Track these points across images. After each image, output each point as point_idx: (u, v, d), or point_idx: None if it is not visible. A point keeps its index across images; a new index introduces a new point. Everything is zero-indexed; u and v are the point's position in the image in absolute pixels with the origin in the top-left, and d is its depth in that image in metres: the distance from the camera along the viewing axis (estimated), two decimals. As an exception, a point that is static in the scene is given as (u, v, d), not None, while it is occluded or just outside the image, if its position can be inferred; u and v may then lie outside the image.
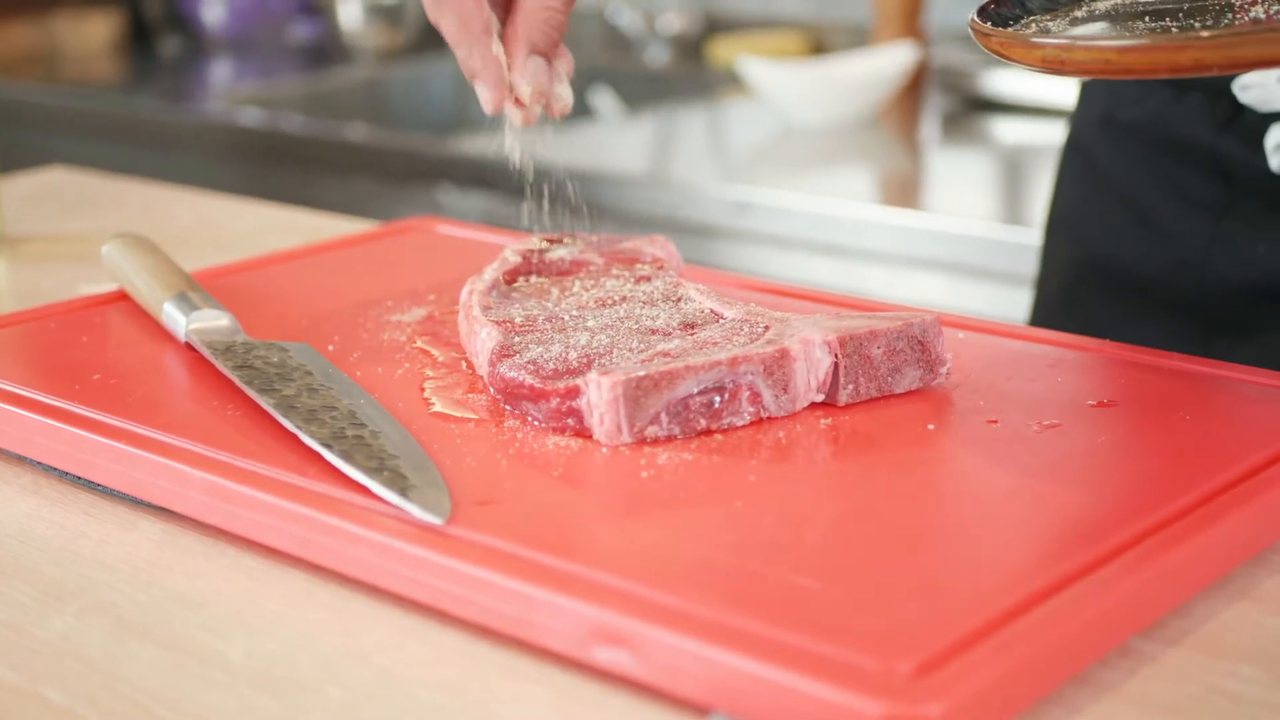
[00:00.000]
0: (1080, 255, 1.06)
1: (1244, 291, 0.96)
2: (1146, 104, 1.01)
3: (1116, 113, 1.03)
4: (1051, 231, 1.10)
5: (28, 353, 0.87)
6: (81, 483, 0.76)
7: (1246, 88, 0.93)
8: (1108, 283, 1.04)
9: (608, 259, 0.88)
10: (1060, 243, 1.09)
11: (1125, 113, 1.02)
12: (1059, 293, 1.09)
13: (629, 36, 2.73)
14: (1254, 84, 0.92)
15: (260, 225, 1.28)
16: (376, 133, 2.30)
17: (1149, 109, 1.00)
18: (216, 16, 3.05)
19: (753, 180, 1.89)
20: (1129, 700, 0.57)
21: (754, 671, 0.53)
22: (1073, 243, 1.07)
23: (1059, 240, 1.09)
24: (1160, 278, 1.00)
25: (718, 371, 0.72)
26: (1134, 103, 1.01)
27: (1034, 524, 0.63)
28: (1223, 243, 0.97)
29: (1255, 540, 0.65)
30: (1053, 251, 1.10)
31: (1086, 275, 1.06)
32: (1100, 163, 1.05)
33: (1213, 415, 0.73)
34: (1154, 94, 1.00)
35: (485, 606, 0.60)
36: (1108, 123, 1.04)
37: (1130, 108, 1.02)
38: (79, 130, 2.60)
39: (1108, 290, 1.04)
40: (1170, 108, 0.99)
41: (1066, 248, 1.08)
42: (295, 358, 0.80)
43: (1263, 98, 0.92)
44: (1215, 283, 0.97)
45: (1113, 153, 1.03)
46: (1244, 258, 0.96)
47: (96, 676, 0.60)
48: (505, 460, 0.70)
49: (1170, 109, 0.99)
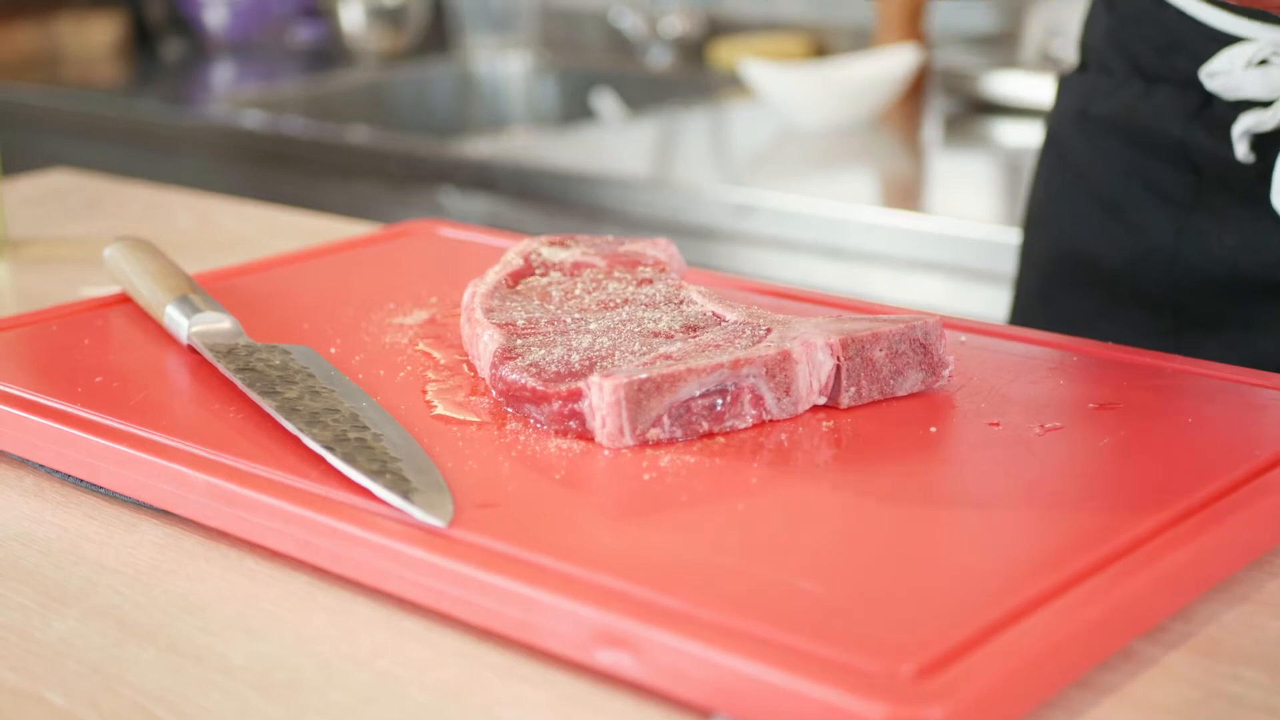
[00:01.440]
0: (1054, 249, 1.07)
1: (1213, 283, 0.97)
2: (1118, 97, 1.01)
3: (1089, 107, 1.03)
4: (1029, 226, 1.11)
5: (30, 356, 0.87)
6: (83, 485, 0.76)
7: (1213, 75, 0.93)
8: (1080, 276, 1.04)
9: (610, 261, 0.88)
10: (1036, 237, 1.10)
11: (1098, 106, 1.03)
12: (1036, 287, 1.09)
13: (631, 39, 2.73)
14: (1220, 71, 0.93)
15: (262, 228, 1.28)
16: (379, 135, 2.30)
17: (1121, 102, 1.01)
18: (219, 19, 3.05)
19: (755, 183, 1.89)
20: (1130, 703, 0.56)
21: (756, 674, 0.53)
22: (1047, 237, 1.08)
23: (1035, 235, 1.10)
24: (1131, 270, 1.00)
25: (720, 374, 0.72)
26: (1106, 96, 1.02)
27: (1036, 527, 0.63)
28: (1191, 235, 0.97)
29: (1257, 543, 0.65)
30: (1030, 246, 1.11)
31: (1060, 269, 1.06)
32: (1073, 157, 1.05)
33: (1215, 418, 0.73)
34: (1126, 87, 1.01)
35: (487, 609, 0.60)
36: (1081, 117, 1.04)
37: (1103, 101, 1.02)
38: (81, 133, 2.60)
39: (1080, 283, 1.04)
40: (1141, 101, 0.99)
41: (1042, 242, 1.09)
42: (297, 360, 0.80)
43: (1228, 85, 0.93)
44: (1184, 275, 0.98)
45: (1085, 146, 1.04)
46: (1212, 250, 0.96)
47: (98, 679, 0.60)
48: (507, 463, 0.70)
49: (1141, 102, 0.99)
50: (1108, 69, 1.03)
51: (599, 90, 2.57)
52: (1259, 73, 0.91)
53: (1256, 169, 0.93)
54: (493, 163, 2.05)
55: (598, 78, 2.65)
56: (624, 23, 2.74)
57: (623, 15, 2.74)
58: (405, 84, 2.77)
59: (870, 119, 2.14)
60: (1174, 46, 0.97)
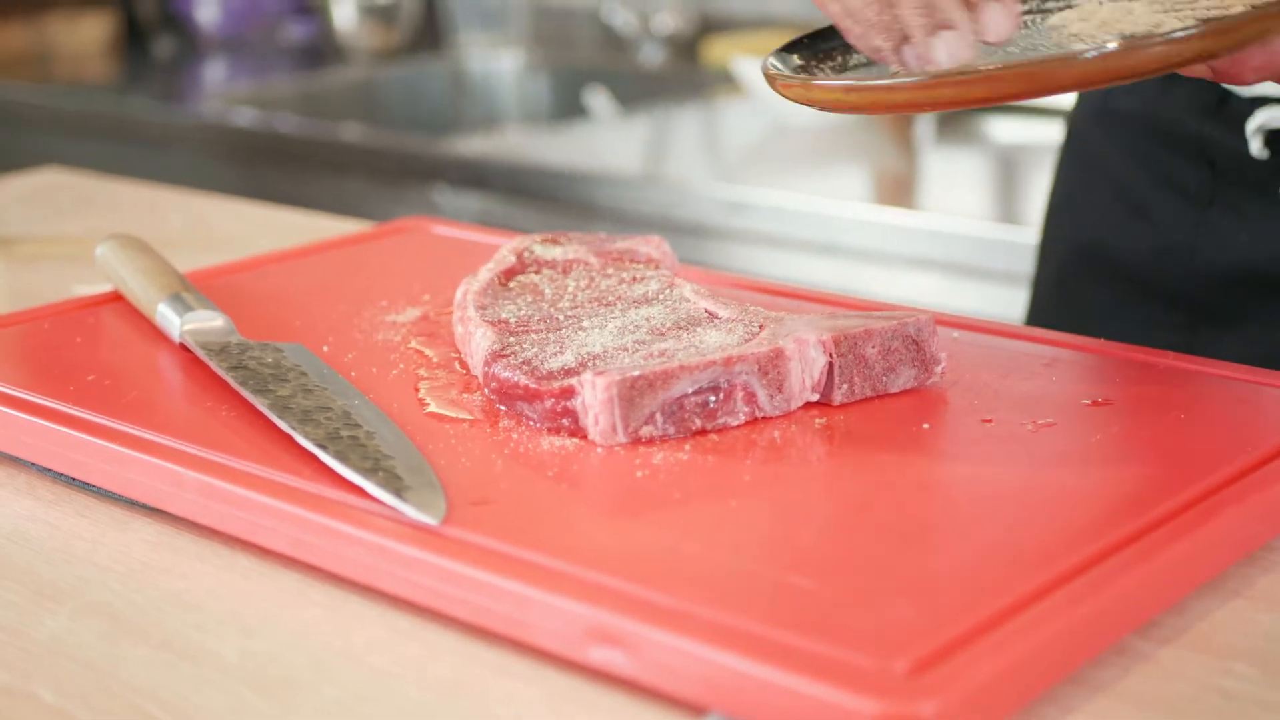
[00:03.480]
0: (1073, 243, 1.07)
1: (1228, 278, 0.97)
2: (1138, 93, 1.01)
3: (1110, 102, 1.04)
4: (1048, 221, 1.11)
5: (22, 354, 0.87)
6: (75, 484, 0.76)
7: None
8: (1098, 270, 1.05)
9: (602, 259, 0.88)
10: (1055, 231, 1.10)
11: (1118, 102, 1.03)
12: (1054, 281, 1.10)
13: (624, 36, 2.73)
14: None
15: (255, 226, 1.28)
16: (371, 133, 2.30)
17: (1141, 97, 1.01)
18: (210, 16, 3.04)
19: (747, 180, 1.89)
20: (1123, 699, 0.57)
21: (749, 671, 0.53)
22: (1066, 231, 1.08)
23: (1054, 229, 1.10)
24: (1147, 265, 1.01)
25: (713, 371, 0.72)
26: (1127, 92, 1.02)
27: (1028, 523, 0.63)
28: (1208, 230, 0.97)
29: (1249, 539, 0.65)
30: (1048, 240, 1.11)
31: (1079, 263, 1.07)
32: (1093, 151, 1.06)
33: (1207, 414, 0.73)
34: (1146, 83, 1.01)
35: (480, 606, 0.60)
36: (1102, 112, 1.05)
37: (1123, 97, 1.03)
38: (73, 131, 2.59)
39: (1098, 277, 1.05)
40: (1161, 96, 1.00)
41: (1061, 236, 1.09)
42: (290, 358, 0.80)
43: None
44: (1201, 270, 0.98)
45: (1105, 141, 1.04)
46: (1228, 245, 0.97)
47: (91, 677, 0.60)
48: (500, 460, 0.70)
49: (1161, 97, 1.00)
50: None
51: (591, 87, 2.57)
52: None
53: (1272, 165, 0.93)
54: (485, 160, 2.05)
55: (590, 75, 2.65)
56: (616, 20, 2.74)
57: (615, 12, 2.73)
58: (397, 81, 2.76)
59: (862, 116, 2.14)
60: None
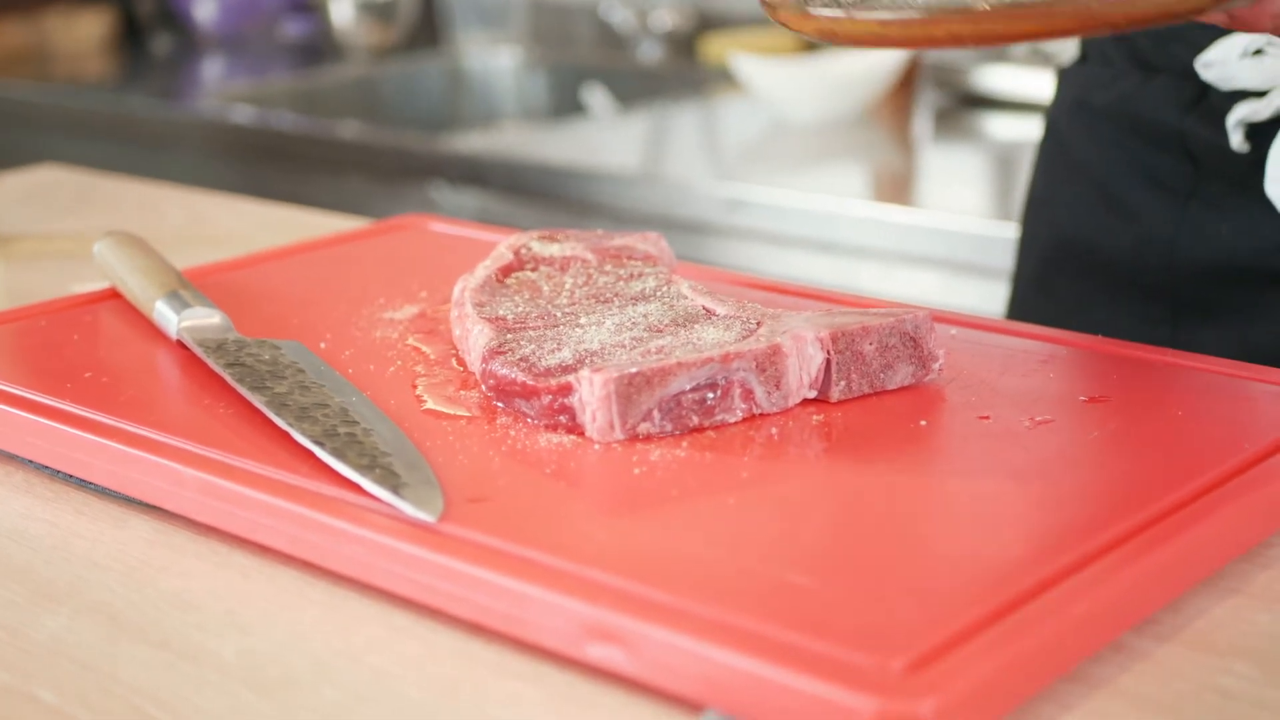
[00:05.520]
0: (1053, 238, 1.07)
1: (1209, 272, 0.97)
2: (1116, 87, 1.01)
3: (1088, 97, 1.04)
4: (1027, 216, 1.11)
5: (19, 351, 0.87)
6: (73, 481, 0.76)
7: (1208, 65, 0.94)
8: (1079, 265, 1.05)
9: (600, 256, 0.88)
10: (1035, 226, 1.10)
11: (1096, 97, 1.03)
12: (1033, 276, 1.10)
13: (621, 33, 2.73)
14: (1215, 62, 0.93)
15: (252, 223, 1.28)
16: (368, 130, 2.30)
17: (1119, 92, 1.01)
18: (208, 14, 3.04)
19: (745, 177, 1.89)
20: (1121, 696, 0.57)
21: (747, 668, 0.53)
22: (1046, 226, 1.09)
23: (1034, 224, 1.10)
24: (1128, 259, 1.01)
25: (710, 368, 0.72)
26: (1105, 87, 1.02)
27: (1026, 520, 0.64)
28: (1188, 224, 0.98)
29: (1247, 536, 0.65)
30: (1028, 235, 1.11)
31: (1058, 258, 1.07)
32: (1072, 146, 1.06)
33: (1205, 411, 0.73)
34: (1124, 78, 1.01)
35: (478, 604, 0.60)
36: (1080, 107, 1.05)
37: (1101, 92, 1.03)
38: (71, 128, 2.59)
39: (1079, 272, 1.05)
40: (1139, 91, 1.00)
41: (1041, 231, 1.09)
42: (287, 355, 0.80)
43: (1223, 75, 0.93)
44: (1182, 264, 0.98)
45: (1084, 136, 1.04)
46: (1209, 238, 0.97)
47: (89, 676, 0.60)
48: (498, 457, 0.70)
49: (1139, 92, 1.00)
50: (1107, 60, 1.03)
51: (589, 85, 2.57)
52: (1253, 63, 0.92)
53: (1252, 158, 0.94)
54: (483, 157, 2.05)
55: (588, 72, 2.65)
56: (614, 17, 2.73)
57: (613, 10, 2.73)
58: (395, 79, 2.76)
59: (861, 113, 2.14)
60: (1173, 36, 0.97)
